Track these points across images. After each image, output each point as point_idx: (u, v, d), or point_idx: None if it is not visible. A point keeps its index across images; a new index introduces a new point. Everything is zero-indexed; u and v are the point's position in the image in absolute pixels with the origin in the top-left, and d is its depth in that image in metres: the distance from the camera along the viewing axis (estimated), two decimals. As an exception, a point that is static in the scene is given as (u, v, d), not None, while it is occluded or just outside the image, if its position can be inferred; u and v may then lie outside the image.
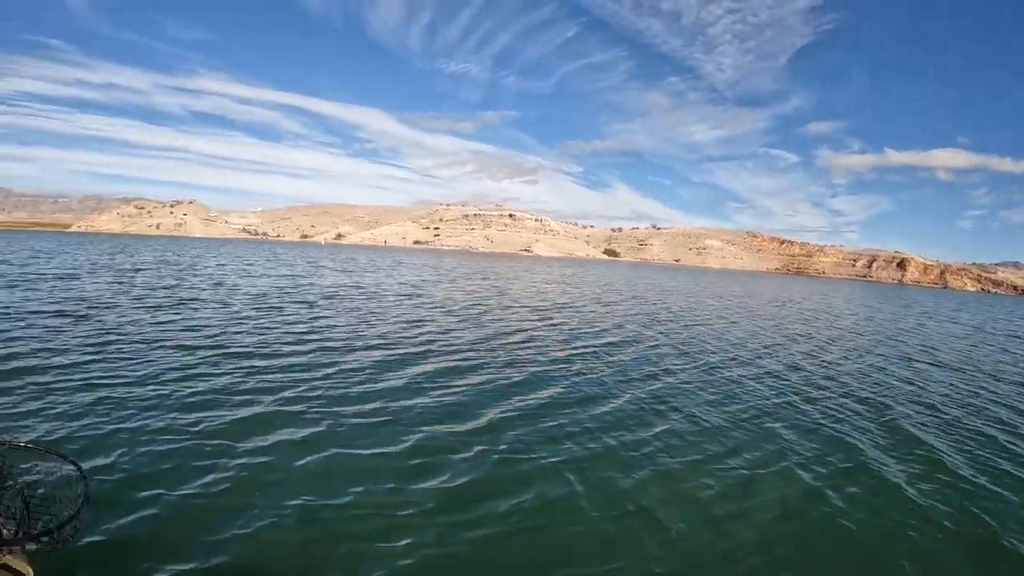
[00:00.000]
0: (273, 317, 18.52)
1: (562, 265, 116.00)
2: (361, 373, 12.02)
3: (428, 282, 39.59)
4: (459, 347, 15.62)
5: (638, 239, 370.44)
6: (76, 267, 36.97)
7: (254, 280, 32.81)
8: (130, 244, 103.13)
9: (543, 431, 9.36)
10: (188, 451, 7.29)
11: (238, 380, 10.64)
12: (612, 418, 10.35)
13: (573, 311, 26.38)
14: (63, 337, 13.50)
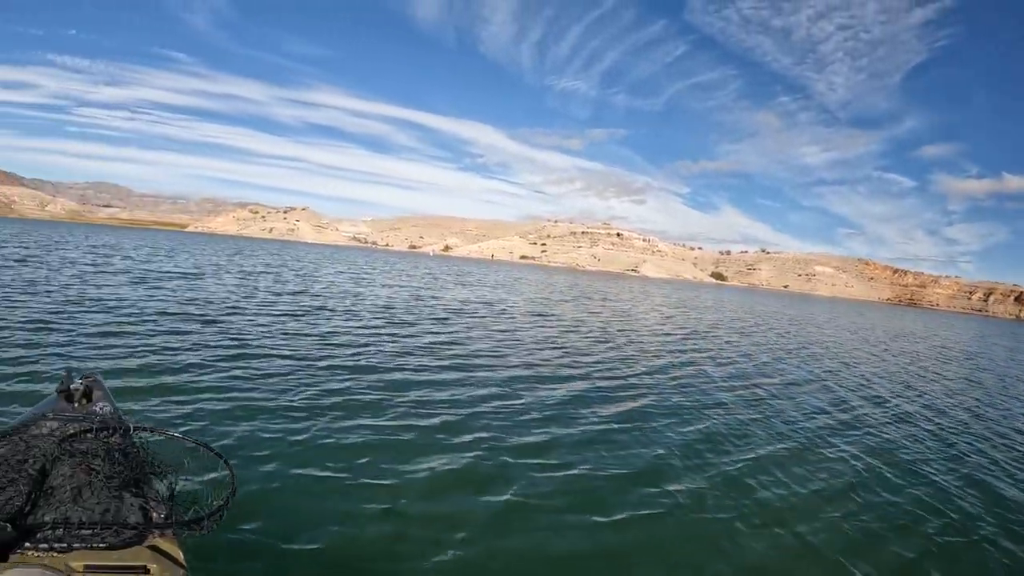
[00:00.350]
0: (406, 331, 17.55)
1: (673, 288, 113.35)
2: (508, 396, 11.21)
3: (550, 301, 38.19)
4: (606, 374, 14.36)
5: (746, 263, 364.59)
6: (197, 267, 37.01)
7: (376, 290, 32.01)
8: (246, 246, 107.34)
9: (736, 483, 8.06)
10: (325, 459, 7.09)
11: (380, 396, 10.09)
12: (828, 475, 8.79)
13: (717, 340, 24.41)
14: (193, 339, 13.17)
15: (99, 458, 3.16)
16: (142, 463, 3.31)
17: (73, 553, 2.50)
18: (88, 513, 2.71)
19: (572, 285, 71.11)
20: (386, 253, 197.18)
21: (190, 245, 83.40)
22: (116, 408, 4.30)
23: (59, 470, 3.01)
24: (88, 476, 2.98)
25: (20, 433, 3.44)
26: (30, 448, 3.19)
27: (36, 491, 2.81)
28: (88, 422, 3.67)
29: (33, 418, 3.79)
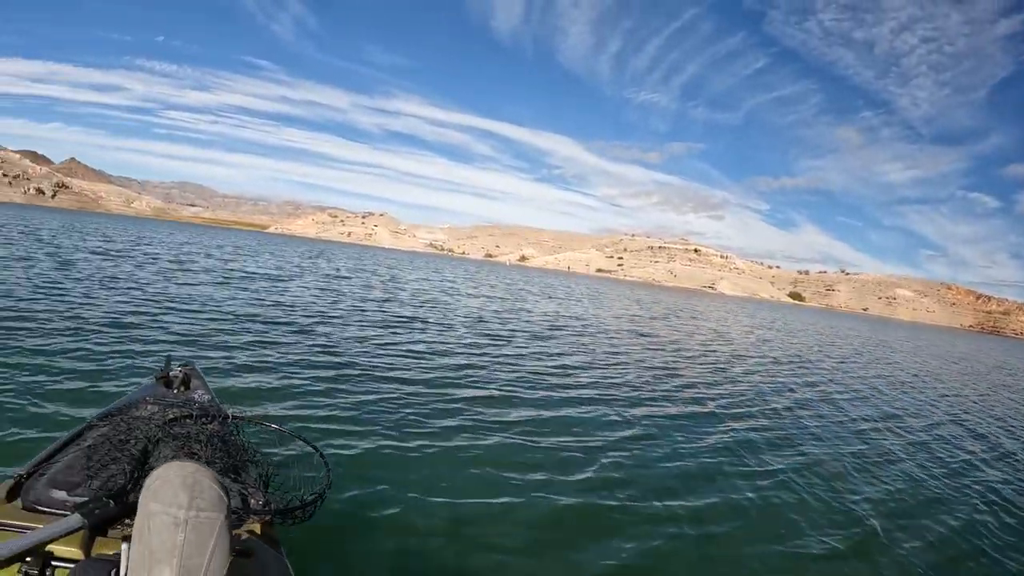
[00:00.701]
0: (505, 347, 16.41)
1: (753, 307, 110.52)
2: (626, 425, 10.22)
3: (641, 318, 36.60)
4: (739, 410, 12.91)
5: (825, 284, 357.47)
6: (280, 268, 36.85)
7: (463, 300, 30.95)
8: (326, 249, 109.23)
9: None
10: (422, 470, 6.88)
11: (484, 417, 9.33)
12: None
13: (834, 371, 22.50)
14: (283, 347, 12.59)
15: (200, 443, 3.22)
16: (240, 450, 3.39)
17: None
18: None
19: (655, 301, 69.83)
20: (463, 261, 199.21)
21: (271, 246, 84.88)
22: (213, 396, 4.45)
23: (160, 452, 3.11)
24: (191, 459, 2.88)
25: (122, 415, 3.56)
26: (131, 430, 3.30)
27: (138, 471, 2.91)
28: (188, 408, 3.74)
29: (134, 402, 3.89)
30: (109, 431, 3.32)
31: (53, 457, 3.16)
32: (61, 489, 2.74)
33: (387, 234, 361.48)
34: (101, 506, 2.49)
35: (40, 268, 20.62)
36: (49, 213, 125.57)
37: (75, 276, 19.48)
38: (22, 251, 26.32)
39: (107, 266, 24.32)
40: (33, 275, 18.33)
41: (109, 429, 3.36)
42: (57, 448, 3.29)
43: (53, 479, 2.83)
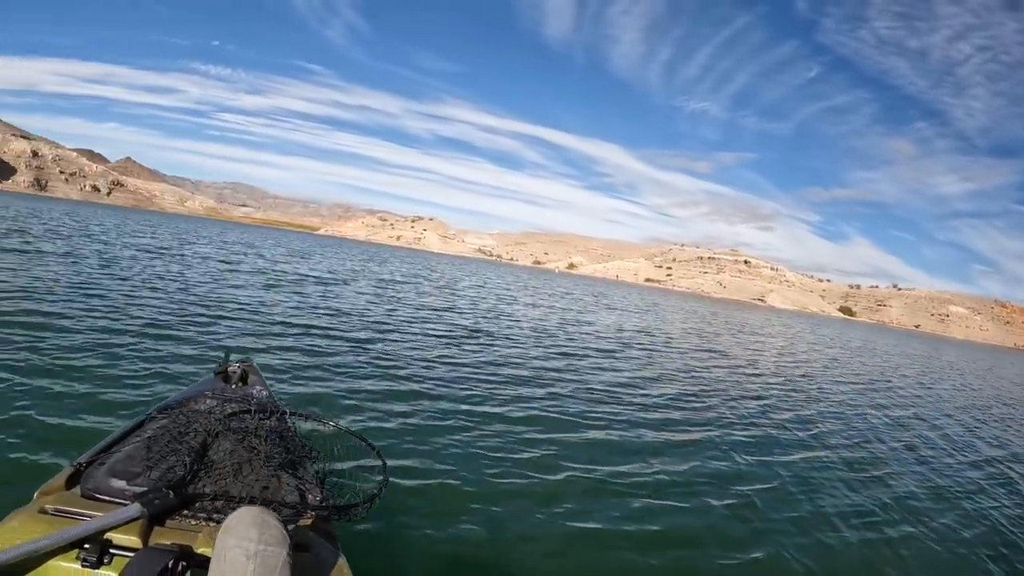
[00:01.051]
0: (573, 363, 15.46)
1: (807, 322, 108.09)
2: (714, 453, 9.48)
3: (704, 332, 35.43)
4: (826, 434, 12.17)
5: (876, 299, 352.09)
6: (332, 272, 36.33)
7: (523, 311, 29.88)
8: (377, 252, 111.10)
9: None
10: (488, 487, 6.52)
11: (559, 445, 8.49)
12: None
13: (916, 397, 21.07)
14: (341, 357, 11.91)
15: (259, 438, 3.31)
16: (298, 446, 3.46)
17: None
18: (248, 488, 2.88)
19: (712, 314, 68.70)
20: (512, 268, 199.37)
21: (322, 248, 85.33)
22: (271, 392, 4.46)
23: (219, 445, 3.20)
24: (248, 454, 3.15)
25: (181, 408, 3.67)
26: (190, 423, 3.38)
27: (197, 463, 2.97)
28: (246, 403, 3.84)
29: (193, 395, 4.03)
30: (168, 423, 3.38)
31: (112, 447, 3.19)
32: (120, 478, 2.78)
33: (436, 239, 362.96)
34: (161, 497, 2.53)
35: (102, 262, 21.41)
36: (109, 211, 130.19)
37: (134, 273, 19.93)
38: (84, 247, 26.70)
39: (164, 264, 24.84)
40: (94, 270, 18.82)
41: (169, 421, 3.42)
42: (117, 438, 3.32)
43: (112, 468, 2.87)
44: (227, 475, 2.94)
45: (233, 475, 2.95)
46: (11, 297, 12.36)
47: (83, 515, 2.43)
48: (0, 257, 18.65)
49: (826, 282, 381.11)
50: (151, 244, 35.60)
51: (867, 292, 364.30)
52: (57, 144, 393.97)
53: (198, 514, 2.60)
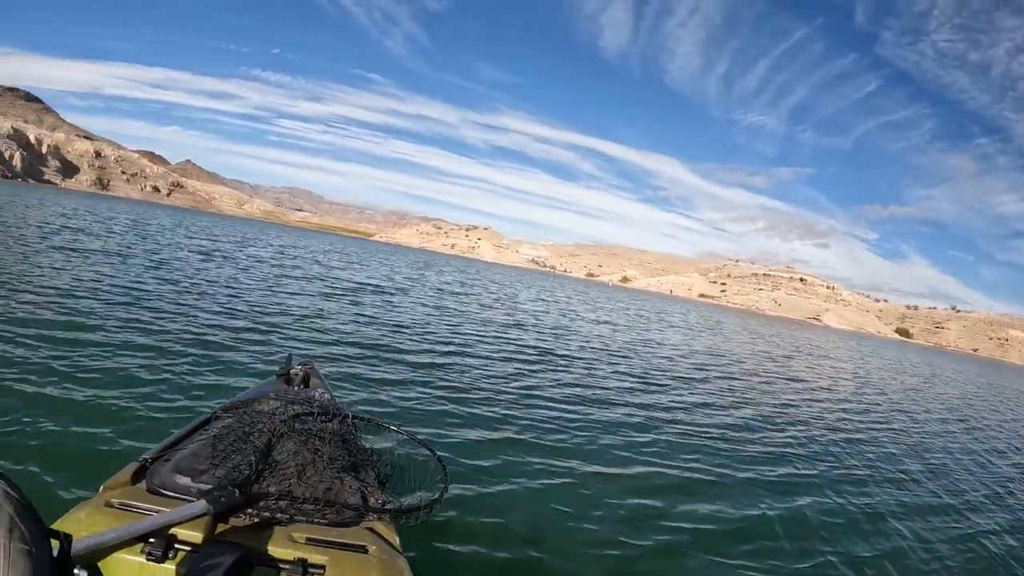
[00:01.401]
0: (651, 389, 14.37)
1: (867, 344, 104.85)
2: (809, 492, 8.66)
3: (773, 354, 33.81)
4: (933, 476, 11.13)
5: (933, 321, 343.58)
6: (390, 279, 35.71)
7: (590, 328, 28.46)
8: (432, 260, 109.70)
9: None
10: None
11: (636, 477, 7.82)
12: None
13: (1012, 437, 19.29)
14: (400, 365, 11.74)
15: (322, 440, 3.43)
16: (360, 449, 3.63)
17: (295, 525, 2.71)
18: (311, 489, 2.97)
19: (774, 334, 67.01)
20: (566, 279, 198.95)
21: (378, 255, 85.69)
22: (332, 396, 4.62)
23: (284, 446, 3.32)
24: (312, 455, 3.26)
25: (245, 408, 3.83)
26: (255, 423, 3.49)
27: (262, 463, 3.08)
28: (309, 405, 4.00)
29: (256, 396, 4.22)
30: (233, 423, 3.50)
31: (178, 444, 3.30)
32: (185, 475, 2.88)
33: (490, 248, 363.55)
34: (227, 495, 2.60)
35: (162, 262, 21.87)
36: (172, 211, 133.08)
37: (195, 274, 20.21)
38: (143, 246, 27.39)
39: (224, 267, 25.03)
40: (156, 270, 19.19)
41: (233, 421, 3.54)
42: (182, 436, 3.44)
43: (178, 465, 2.97)
44: (291, 476, 3.05)
45: (297, 476, 3.05)
46: (84, 295, 12.58)
47: (148, 510, 2.52)
48: (66, 254, 18.98)
49: (883, 302, 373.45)
50: (213, 247, 35.72)
51: (924, 313, 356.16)
52: (119, 145, 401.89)
53: (262, 513, 2.70)
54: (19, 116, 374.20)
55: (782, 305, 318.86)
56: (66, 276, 14.72)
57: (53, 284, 13.26)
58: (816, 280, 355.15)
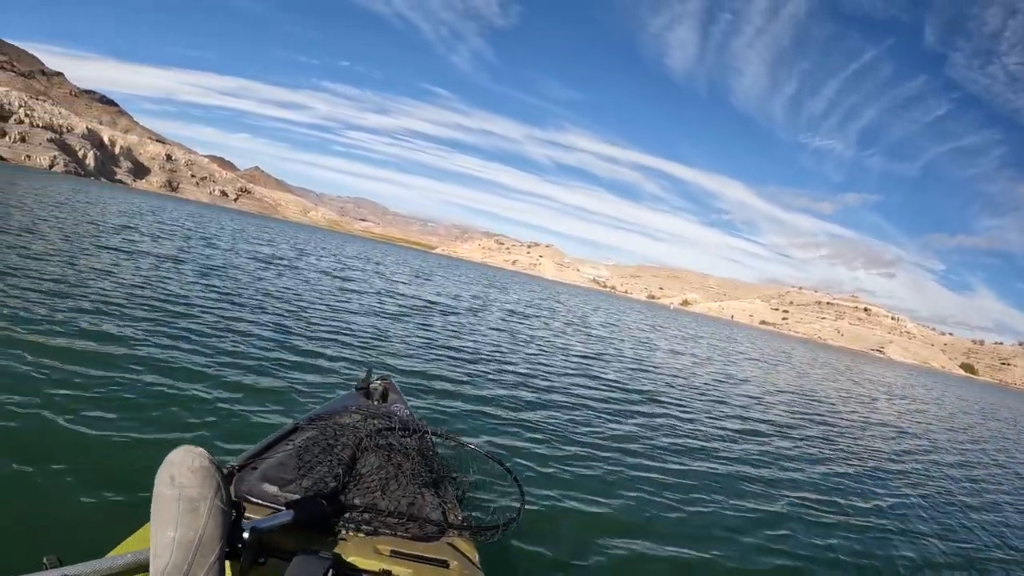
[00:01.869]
0: (752, 438, 12.92)
1: (939, 381, 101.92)
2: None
3: (857, 394, 32.03)
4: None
5: (1000, 356, 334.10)
6: (456, 297, 34.49)
7: (670, 359, 27.11)
8: (497, 277, 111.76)
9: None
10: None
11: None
12: None
13: None
14: (473, 391, 11.29)
15: (405, 455, 3.50)
16: (439, 466, 3.67)
17: (380, 537, 2.78)
18: (394, 503, 3.04)
19: (847, 367, 65.19)
20: (627, 301, 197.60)
21: (441, 269, 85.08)
22: (411, 411, 4.76)
23: (367, 459, 3.38)
24: (396, 470, 3.33)
25: (327, 421, 3.93)
26: (338, 435, 3.57)
27: (347, 475, 3.15)
28: (391, 420, 4.05)
29: (338, 409, 4.34)
30: (316, 434, 3.58)
31: (263, 453, 3.40)
32: (273, 484, 2.97)
33: (552, 266, 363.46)
34: (315, 506, 2.67)
35: (241, 272, 22.41)
36: (239, 215, 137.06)
37: (265, 284, 20.58)
38: (214, 253, 27.78)
39: (290, 277, 25.22)
40: (235, 279, 19.56)
41: (316, 432, 3.62)
42: (267, 445, 3.54)
43: (265, 474, 3.07)
44: (375, 489, 3.11)
45: (381, 489, 3.12)
46: (167, 301, 12.95)
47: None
48: (153, 260, 19.38)
49: (948, 335, 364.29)
50: (279, 255, 36.29)
51: (990, 348, 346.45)
52: (190, 149, 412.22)
53: (347, 524, 2.77)
54: (94, 117, 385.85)
55: (845, 335, 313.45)
56: (150, 279, 15.32)
57: (137, 287, 13.82)
58: (880, 310, 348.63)
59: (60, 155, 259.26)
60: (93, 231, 24.75)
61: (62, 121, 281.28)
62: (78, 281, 12.90)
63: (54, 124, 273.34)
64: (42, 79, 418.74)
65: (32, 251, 15.52)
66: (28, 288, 11.08)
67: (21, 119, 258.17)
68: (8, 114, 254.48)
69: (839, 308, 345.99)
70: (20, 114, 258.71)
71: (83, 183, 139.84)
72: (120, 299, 11.94)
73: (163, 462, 1.96)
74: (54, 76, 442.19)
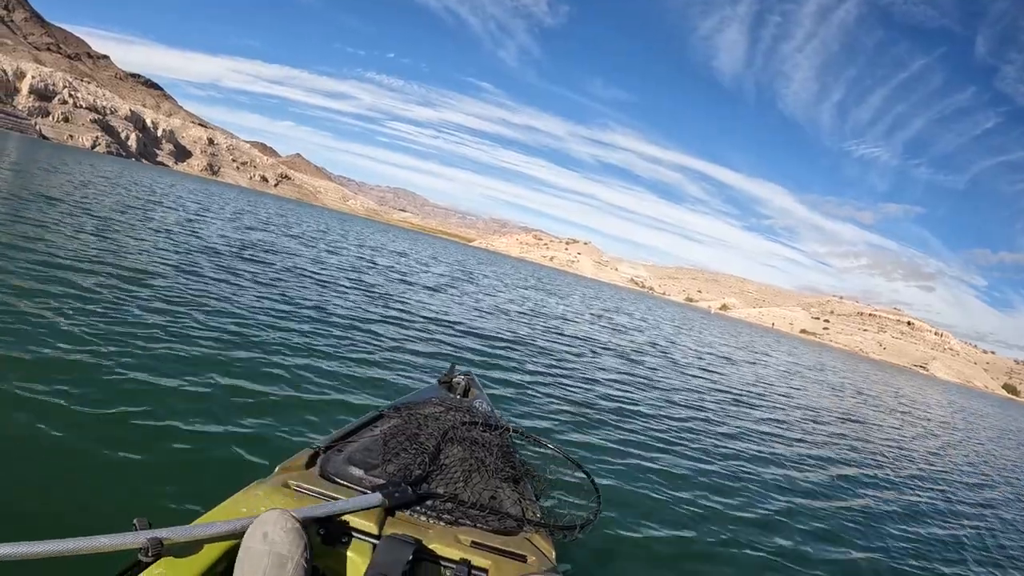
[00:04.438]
0: (842, 484, 11.05)
1: (984, 401, 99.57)
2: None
3: (930, 421, 29.87)
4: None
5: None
6: (506, 298, 32.22)
7: (737, 370, 25.43)
8: (534, 271, 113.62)
9: None
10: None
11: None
12: None
13: None
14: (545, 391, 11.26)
15: (488, 450, 3.54)
16: (519, 462, 3.69)
17: (461, 528, 2.82)
18: (476, 495, 3.10)
19: (906, 386, 63.32)
20: (666, 303, 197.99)
21: (479, 264, 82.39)
22: (493, 408, 4.83)
23: (451, 451, 3.45)
24: (478, 463, 3.37)
25: (411, 410, 4.01)
26: (422, 426, 3.68)
27: (431, 463, 3.22)
28: (474, 415, 4.12)
29: (421, 400, 4.43)
30: (401, 423, 3.70)
31: (348, 437, 3.53)
32: (358, 467, 3.05)
33: (589, 263, 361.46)
34: (401, 491, 2.76)
35: (314, 264, 22.47)
36: (283, 202, 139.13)
37: (341, 273, 21.55)
38: (313, 249, 29.40)
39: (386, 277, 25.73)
40: (300, 271, 19.31)
41: (401, 421, 3.74)
42: (352, 429, 3.66)
43: (351, 456, 3.16)
44: (458, 480, 3.18)
45: (463, 481, 3.18)
46: (255, 294, 13.15)
47: (321, 495, 2.68)
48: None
49: (990, 354, 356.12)
50: (386, 261, 36.24)
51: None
52: (232, 134, 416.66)
53: (429, 512, 2.83)
54: (138, 100, 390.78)
55: (887, 349, 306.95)
56: (235, 269, 15.76)
57: (233, 276, 14.59)
58: (924, 325, 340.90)
59: (102, 136, 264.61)
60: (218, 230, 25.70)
61: (106, 103, 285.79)
62: (213, 270, 14.48)
63: (98, 105, 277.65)
64: (88, 61, 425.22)
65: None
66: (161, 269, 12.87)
67: (65, 99, 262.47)
68: (52, 94, 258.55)
69: (881, 320, 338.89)
70: (64, 95, 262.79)
71: (126, 164, 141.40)
72: (234, 295, 12.35)
73: (257, 519, 2.11)
74: (100, 59, 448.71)
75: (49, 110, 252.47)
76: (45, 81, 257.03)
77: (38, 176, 31.50)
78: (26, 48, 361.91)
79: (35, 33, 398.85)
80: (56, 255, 11.49)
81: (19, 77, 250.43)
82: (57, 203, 20.17)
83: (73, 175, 37.82)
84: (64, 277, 10.00)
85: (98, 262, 11.98)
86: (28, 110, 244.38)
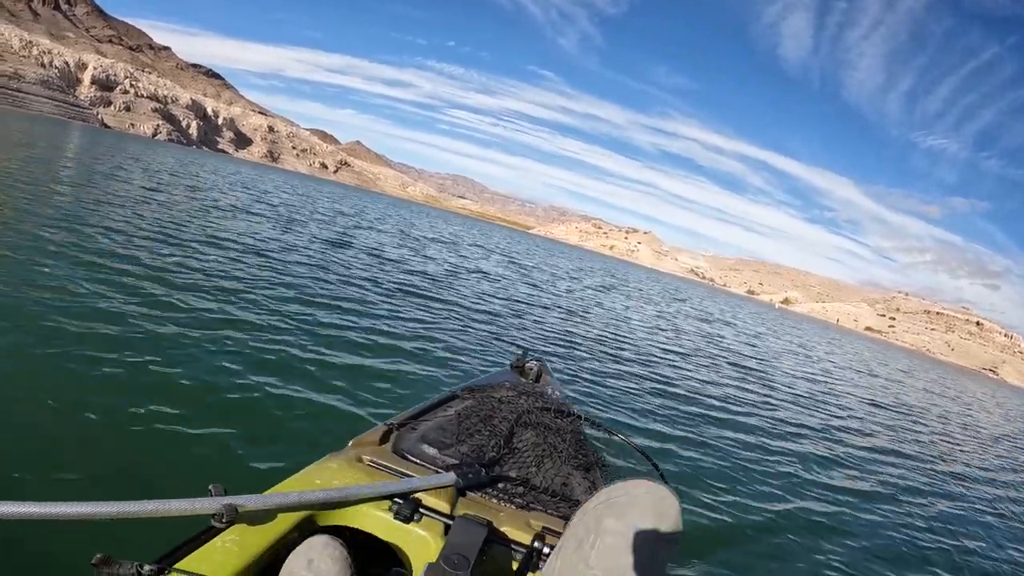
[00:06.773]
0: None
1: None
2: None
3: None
4: None
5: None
6: (574, 294, 30.66)
7: (828, 384, 23.14)
8: (592, 261, 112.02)
9: None
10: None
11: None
12: None
13: None
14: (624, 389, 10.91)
15: (560, 437, 3.51)
16: (590, 451, 3.65)
17: (532, 512, 2.76)
18: (548, 481, 3.06)
19: (997, 394, 62.89)
20: (727, 295, 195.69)
21: (543, 254, 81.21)
22: (564, 395, 4.78)
23: (523, 435, 3.43)
24: (551, 449, 3.35)
25: (485, 393, 4.03)
26: (495, 409, 3.66)
27: (505, 446, 3.22)
28: (545, 400, 4.11)
29: (494, 383, 4.41)
30: (475, 404, 3.69)
31: (421, 416, 3.53)
32: (432, 446, 3.09)
33: (649, 253, 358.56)
34: (474, 472, 2.76)
35: (403, 250, 24.84)
36: (343, 188, 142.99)
37: (418, 262, 22.18)
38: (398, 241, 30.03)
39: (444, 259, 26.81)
40: (391, 256, 21.24)
41: (474, 403, 3.73)
42: (426, 408, 3.66)
43: (424, 435, 3.19)
44: (530, 464, 3.15)
45: (535, 466, 3.15)
46: (335, 277, 13.89)
47: (394, 471, 2.70)
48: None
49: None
50: (449, 241, 38.86)
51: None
52: (292, 122, 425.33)
53: (500, 495, 2.80)
54: (199, 90, 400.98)
55: (955, 350, 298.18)
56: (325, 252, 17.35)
57: (314, 255, 16.02)
58: (994, 326, 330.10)
59: (163, 124, 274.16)
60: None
61: (166, 92, 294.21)
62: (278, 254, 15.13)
63: (158, 95, 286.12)
64: (149, 53, 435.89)
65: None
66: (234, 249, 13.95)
67: (126, 89, 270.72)
68: (113, 84, 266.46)
69: (949, 319, 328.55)
70: (125, 84, 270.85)
71: (187, 151, 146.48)
72: (306, 280, 12.73)
73: (302, 544, 2.05)
74: (161, 50, 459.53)
75: (111, 99, 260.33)
76: (106, 71, 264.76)
77: (136, 172, 32.87)
78: (88, 40, 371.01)
79: (96, 26, 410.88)
80: (171, 235, 13.36)
81: (80, 68, 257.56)
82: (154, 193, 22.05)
83: (145, 164, 40.44)
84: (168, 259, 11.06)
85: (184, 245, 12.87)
86: (90, 100, 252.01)
